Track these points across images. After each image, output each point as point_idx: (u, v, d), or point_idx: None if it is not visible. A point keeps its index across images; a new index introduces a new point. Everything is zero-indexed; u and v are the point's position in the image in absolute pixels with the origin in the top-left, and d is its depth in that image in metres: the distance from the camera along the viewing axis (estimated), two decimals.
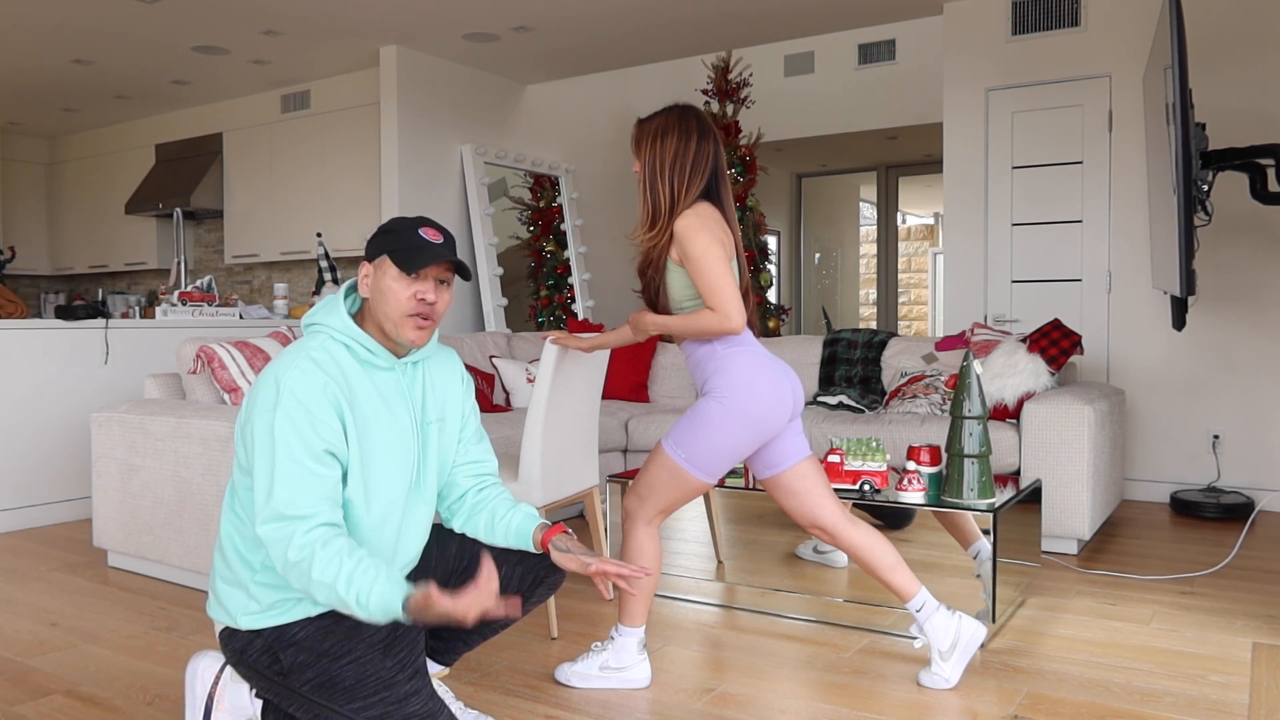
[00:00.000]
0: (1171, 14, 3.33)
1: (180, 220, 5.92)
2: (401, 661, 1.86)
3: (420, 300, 1.88)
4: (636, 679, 2.54)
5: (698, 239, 2.33)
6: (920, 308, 12.20)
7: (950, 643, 2.50)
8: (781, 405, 2.41)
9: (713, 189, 2.46)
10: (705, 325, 2.36)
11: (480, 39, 6.15)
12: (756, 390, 2.38)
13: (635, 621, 2.56)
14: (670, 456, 2.45)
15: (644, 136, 2.45)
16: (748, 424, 2.38)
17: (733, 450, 2.41)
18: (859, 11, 5.77)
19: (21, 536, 4.39)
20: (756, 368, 2.39)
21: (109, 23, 5.79)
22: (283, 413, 1.76)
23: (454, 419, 2.08)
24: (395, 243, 1.89)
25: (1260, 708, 2.37)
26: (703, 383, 2.46)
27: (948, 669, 2.51)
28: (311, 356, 1.83)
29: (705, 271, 2.33)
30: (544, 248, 7.01)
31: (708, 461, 2.42)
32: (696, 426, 2.41)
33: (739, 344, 2.42)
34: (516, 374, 5.06)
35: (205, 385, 3.81)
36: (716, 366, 2.41)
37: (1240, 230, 4.79)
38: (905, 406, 4.38)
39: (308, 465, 1.76)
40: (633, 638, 2.55)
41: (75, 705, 2.45)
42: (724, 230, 2.41)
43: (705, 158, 2.42)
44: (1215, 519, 4.52)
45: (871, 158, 8.71)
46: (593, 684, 2.53)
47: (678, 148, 2.40)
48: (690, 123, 2.43)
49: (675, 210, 2.39)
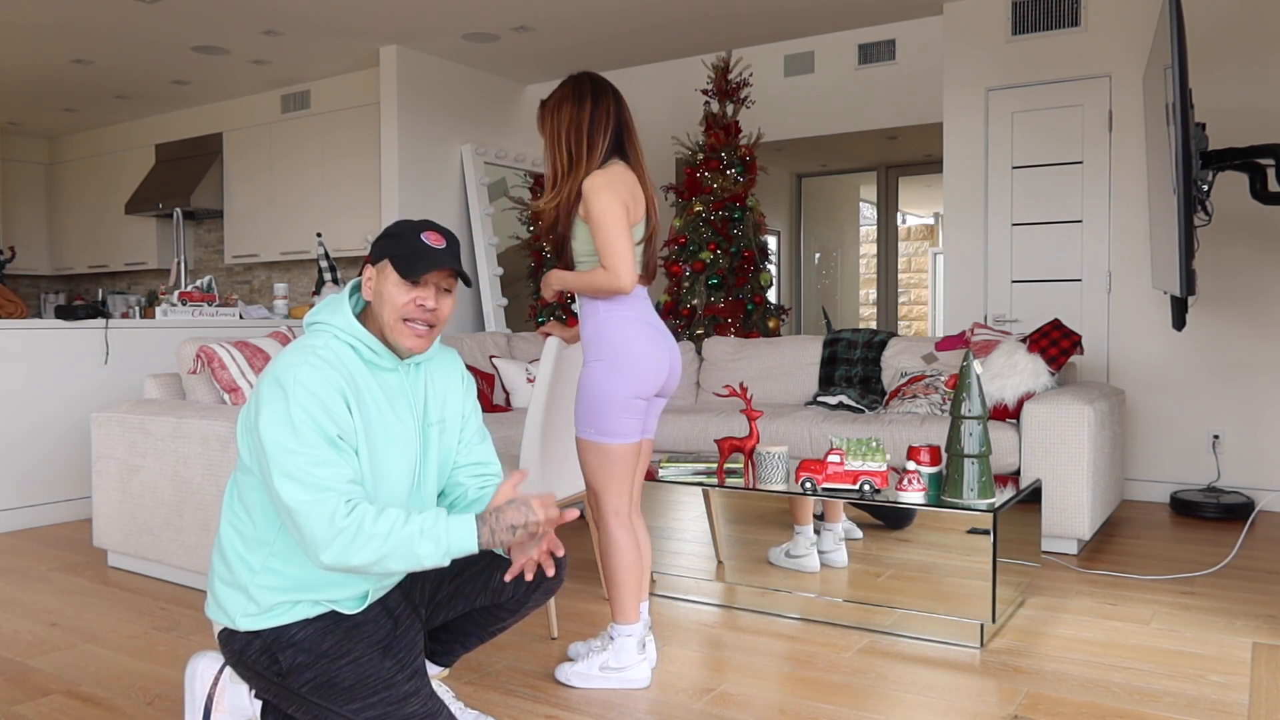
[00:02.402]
0: (1171, 14, 3.33)
1: (180, 220, 5.92)
2: (400, 662, 1.86)
3: (420, 306, 1.88)
4: (636, 679, 2.53)
5: (599, 197, 2.40)
6: (920, 308, 12.20)
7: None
8: (657, 362, 2.47)
9: (620, 144, 2.52)
10: (597, 283, 2.43)
11: (480, 39, 6.15)
12: (631, 347, 2.45)
13: (627, 618, 2.53)
14: (584, 440, 2.51)
15: (544, 114, 2.54)
16: (628, 376, 2.44)
17: (625, 404, 2.45)
18: (859, 11, 5.77)
19: (21, 536, 4.39)
20: (632, 328, 2.46)
21: (109, 23, 5.79)
22: (296, 403, 1.74)
23: (454, 420, 2.07)
24: (397, 247, 1.88)
25: (1260, 708, 2.37)
26: (583, 334, 2.52)
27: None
28: (319, 354, 1.82)
29: (602, 230, 2.40)
30: (544, 248, 7.01)
31: (611, 423, 2.45)
32: (586, 398, 2.48)
33: (622, 305, 2.48)
34: (516, 374, 5.06)
35: (205, 385, 3.81)
36: (595, 326, 2.48)
37: (1240, 230, 4.79)
38: (905, 406, 4.38)
39: (327, 449, 1.75)
40: (631, 637, 2.53)
41: (75, 705, 2.45)
42: (630, 192, 2.46)
43: (603, 116, 2.48)
44: (1215, 519, 4.52)
45: (871, 158, 8.71)
46: (593, 684, 2.53)
47: (573, 113, 2.48)
48: (584, 87, 2.50)
49: (575, 171, 2.46)
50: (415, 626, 1.99)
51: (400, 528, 1.70)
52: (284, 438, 1.73)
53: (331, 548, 1.69)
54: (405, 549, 1.70)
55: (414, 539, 1.70)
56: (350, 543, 1.69)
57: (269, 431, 1.74)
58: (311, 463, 1.72)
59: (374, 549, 1.69)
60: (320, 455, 1.73)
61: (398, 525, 1.70)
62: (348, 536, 1.68)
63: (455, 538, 1.73)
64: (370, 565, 1.71)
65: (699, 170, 5.93)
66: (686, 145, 6.13)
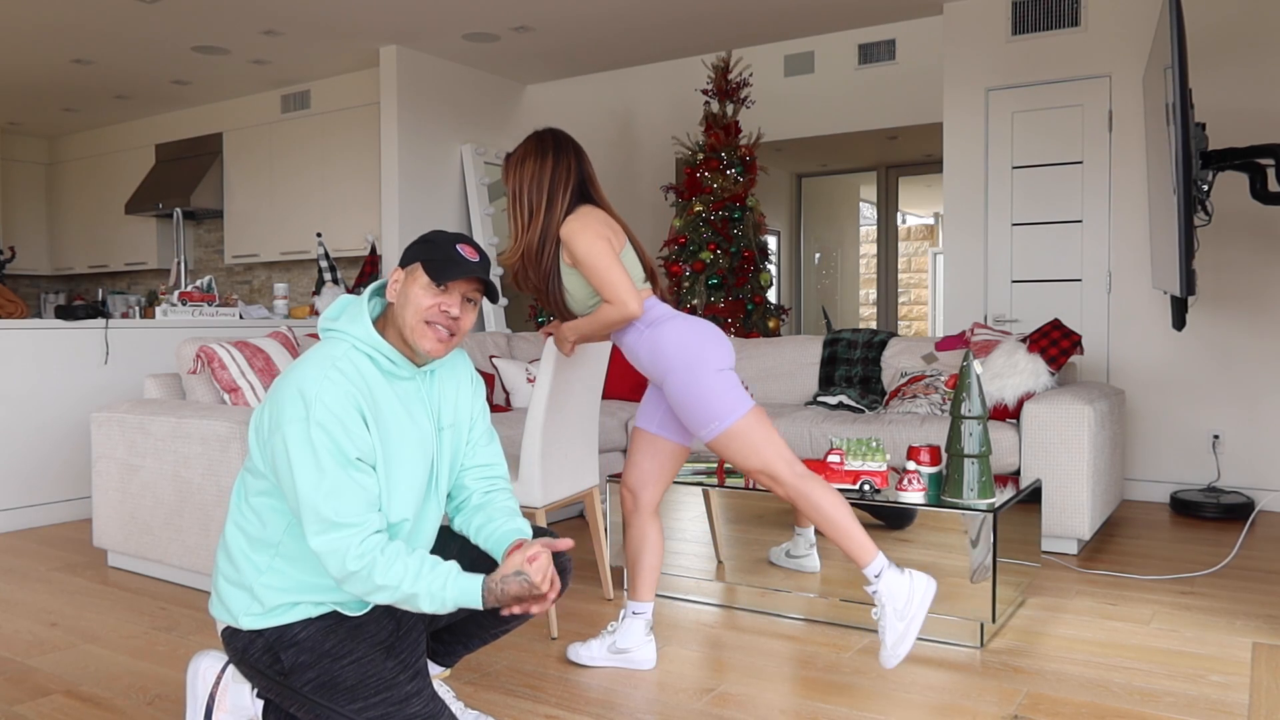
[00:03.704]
0: (1171, 14, 3.33)
1: (180, 220, 5.93)
2: (403, 662, 1.87)
3: (444, 312, 1.89)
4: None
5: (579, 239, 2.45)
6: (920, 308, 12.20)
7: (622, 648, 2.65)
8: (715, 335, 2.51)
9: (586, 194, 2.58)
10: (609, 318, 2.48)
11: (480, 39, 6.15)
12: (687, 338, 2.48)
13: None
14: (725, 433, 2.45)
15: (508, 168, 2.59)
16: (705, 361, 2.46)
17: (719, 381, 2.45)
18: (859, 11, 5.77)
19: (21, 536, 4.39)
20: (684, 328, 2.50)
21: (109, 23, 5.79)
22: (316, 423, 1.76)
23: (464, 421, 2.08)
24: (431, 253, 1.90)
25: (1260, 708, 2.37)
26: (644, 365, 2.55)
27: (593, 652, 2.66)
28: (338, 367, 1.83)
29: (594, 270, 2.45)
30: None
31: (720, 407, 2.44)
32: (687, 404, 2.47)
33: (656, 320, 2.51)
34: (516, 374, 5.06)
35: (205, 385, 3.81)
36: (648, 348, 2.51)
37: (1240, 230, 4.79)
38: (905, 406, 4.38)
39: (350, 474, 1.77)
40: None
41: (75, 705, 2.45)
42: (608, 225, 2.52)
43: (565, 171, 2.54)
44: (1215, 519, 4.52)
45: (871, 158, 8.71)
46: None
47: (535, 169, 2.54)
48: (546, 143, 2.56)
49: (534, 223, 2.51)
50: (418, 627, 1.99)
51: (409, 584, 1.77)
52: (309, 470, 1.76)
53: (345, 584, 1.79)
54: (408, 603, 1.79)
55: (419, 598, 1.78)
56: (360, 586, 1.77)
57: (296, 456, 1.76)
58: (327, 495, 1.75)
59: (383, 597, 1.78)
60: (336, 484, 1.76)
61: (406, 581, 1.76)
62: (358, 581, 1.76)
63: (460, 599, 1.80)
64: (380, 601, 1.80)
65: (699, 170, 5.93)
66: (686, 145, 6.14)
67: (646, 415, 2.70)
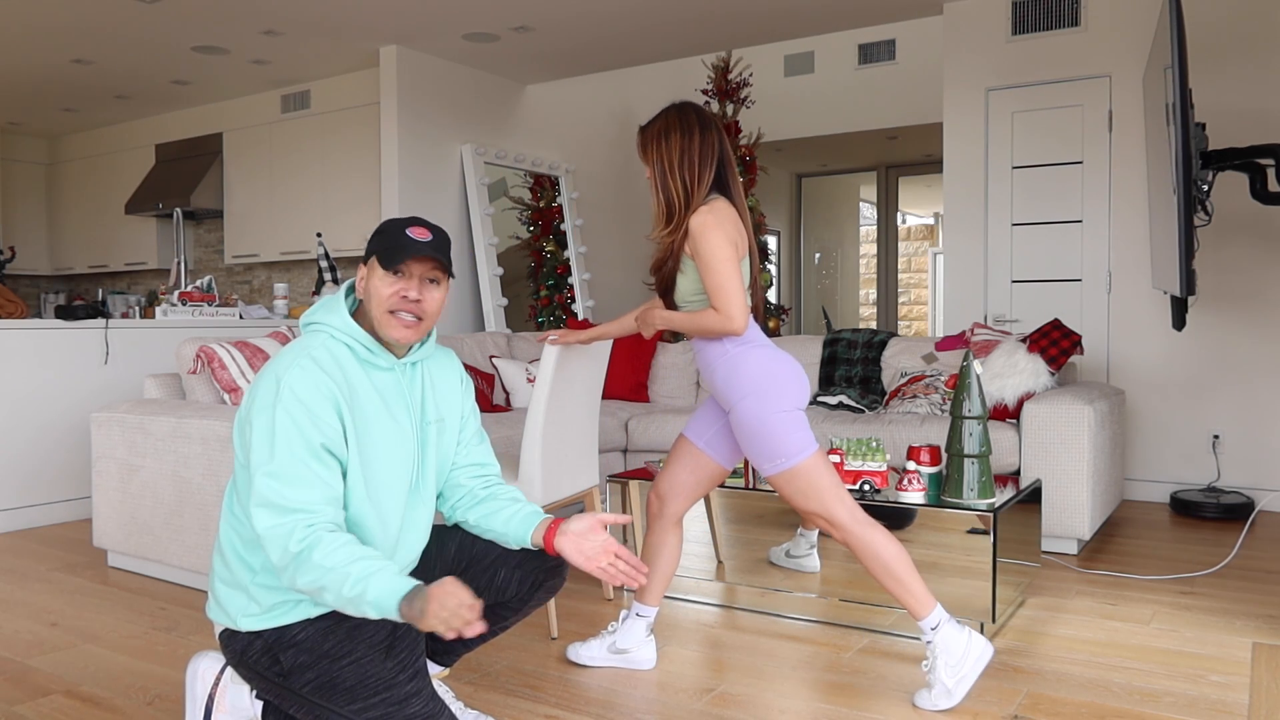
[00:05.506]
0: (1171, 14, 3.33)
1: (180, 220, 5.92)
2: (402, 663, 1.86)
3: (404, 298, 1.89)
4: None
5: (710, 237, 2.35)
6: (920, 308, 12.20)
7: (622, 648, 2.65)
8: (798, 374, 2.44)
9: (722, 178, 2.48)
10: (709, 324, 2.39)
11: (480, 39, 6.15)
12: (774, 369, 2.41)
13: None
14: (786, 471, 2.41)
15: (649, 140, 2.47)
16: (782, 395, 2.39)
17: (789, 420, 2.39)
18: (859, 11, 5.77)
19: (21, 536, 4.39)
20: (767, 358, 2.42)
21: (109, 23, 5.78)
22: (283, 409, 1.76)
23: (453, 420, 2.08)
24: (383, 242, 1.90)
25: (1260, 708, 2.37)
26: (716, 383, 2.47)
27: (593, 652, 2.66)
28: (312, 355, 1.83)
29: (714, 273, 2.35)
30: (544, 248, 7.01)
31: (786, 445, 2.39)
32: (753, 435, 2.40)
33: (747, 342, 2.44)
34: (516, 374, 5.06)
35: (205, 385, 3.81)
36: (730, 366, 2.43)
37: (1240, 230, 4.79)
38: (905, 406, 4.38)
39: (308, 463, 1.75)
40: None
41: (75, 705, 2.45)
42: (737, 229, 2.43)
43: (711, 148, 2.44)
44: (1215, 519, 4.52)
45: (871, 158, 8.71)
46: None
47: (683, 144, 2.42)
48: (690, 117, 2.45)
49: (691, 204, 2.41)
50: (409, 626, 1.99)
51: (342, 565, 1.67)
52: (263, 452, 1.73)
53: (285, 574, 1.72)
54: (336, 587, 1.67)
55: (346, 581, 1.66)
56: (297, 568, 1.69)
57: (256, 439, 1.75)
58: (284, 483, 1.73)
59: (312, 578, 1.68)
60: (295, 473, 1.73)
61: (340, 563, 1.67)
62: (298, 562, 1.69)
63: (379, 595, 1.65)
64: (312, 592, 1.70)
65: None
66: None
67: (697, 429, 2.64)
